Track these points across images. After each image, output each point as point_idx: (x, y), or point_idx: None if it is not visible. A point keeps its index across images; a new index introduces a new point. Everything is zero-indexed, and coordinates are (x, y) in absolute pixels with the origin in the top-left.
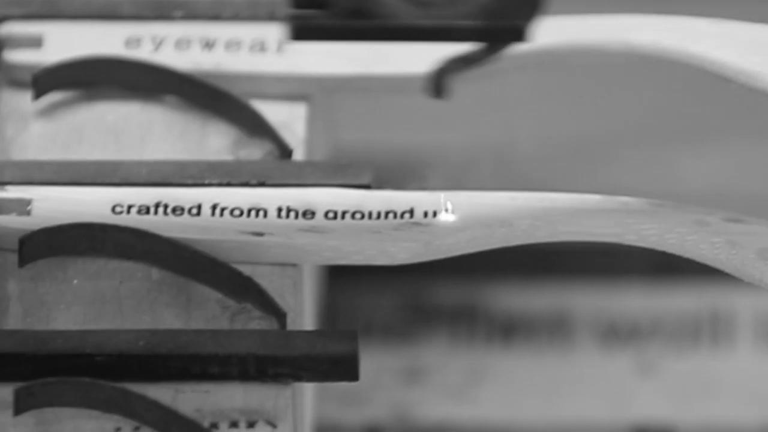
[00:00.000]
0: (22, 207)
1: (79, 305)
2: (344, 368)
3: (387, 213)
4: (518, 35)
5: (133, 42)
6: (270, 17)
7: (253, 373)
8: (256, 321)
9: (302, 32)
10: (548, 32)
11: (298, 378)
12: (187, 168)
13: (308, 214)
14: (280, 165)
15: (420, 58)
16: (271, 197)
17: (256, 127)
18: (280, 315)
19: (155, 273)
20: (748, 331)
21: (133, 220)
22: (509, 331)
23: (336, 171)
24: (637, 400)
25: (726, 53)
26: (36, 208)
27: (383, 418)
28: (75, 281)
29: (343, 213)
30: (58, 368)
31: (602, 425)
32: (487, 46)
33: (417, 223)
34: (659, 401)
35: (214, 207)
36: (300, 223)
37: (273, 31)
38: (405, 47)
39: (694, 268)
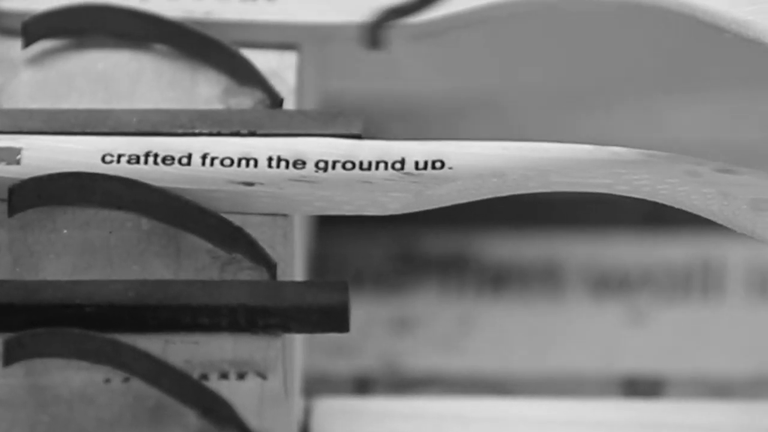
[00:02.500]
0: (12, 156)
1: (69, 255)
2: (335, 319)
3: (378, 163)
4: None
5: None
6: None
7: (243, 324)
8: (247, 271)
9: None
10: None
11: (289, 329)
12: (178, 117)
13: (299, 163)
14: (270, 114)
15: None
16: (261, 147)
17: (246, 75)
18: (270, 265)
19: (145, 223)
20: (739, 281)
21: (123, 169)
22: (499, 281)
23: (327, 120)
24: (627, 350)
25: (718, 2)
26: (25, 157)
27: (373, 368)
28: (64, 231)
29: (334, 163)
30: (48, 319)
31: (592, 376)
32: None
33: (408, 173)
34: (650, 352)
35: (204, 156)
36: (290, 173)
37: None
38: None
39: (685, 219)
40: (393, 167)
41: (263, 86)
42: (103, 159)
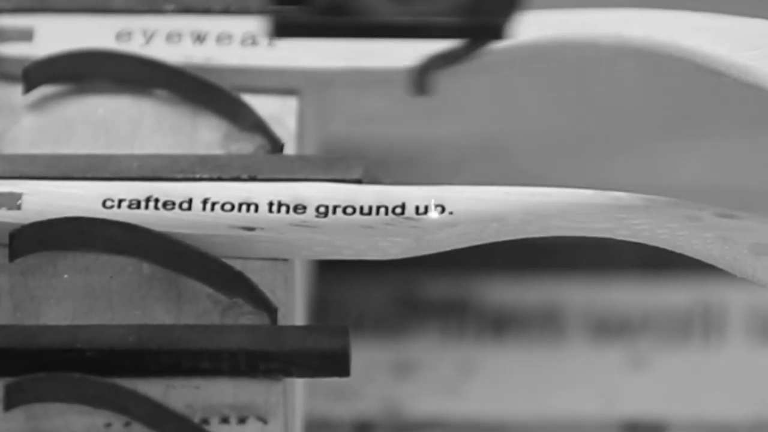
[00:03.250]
0: (13, 201)
1: (70, 300)
2: (335, 364)
3: (378, 208)
4: (497, 32)
5: (124, 35)
6: (261, 11)
7: (244, 368)
8: (247, 316)
9: (282, 29)
10: (540, 26)
11: (289, 373)
12: (178, 162)
13: (299, 208)
14: (271, 159)
15: (411, 52)
16: (262, 192)
17: (247, 121)
18: (271, 310)
19: (146, 268)
20: (739, 325)
21: (123, 214)
22: (500, 325)
23: (327, 165)
24: (628, 395)
25: (718, 47)
26: (26, 202)
27: (374, 412)
28: (65, 276)
29: (335, 208)
30: (49, 363)
31: (593, 420)
32: (467, 43)
33: (408, 218)
34: (650, 396)
35: (204, 201)
36: (291, 218)
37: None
38: (396, 41)
39: (686, 263)
40: (393, 212)
41: (264, 131)
42: (103, 204)
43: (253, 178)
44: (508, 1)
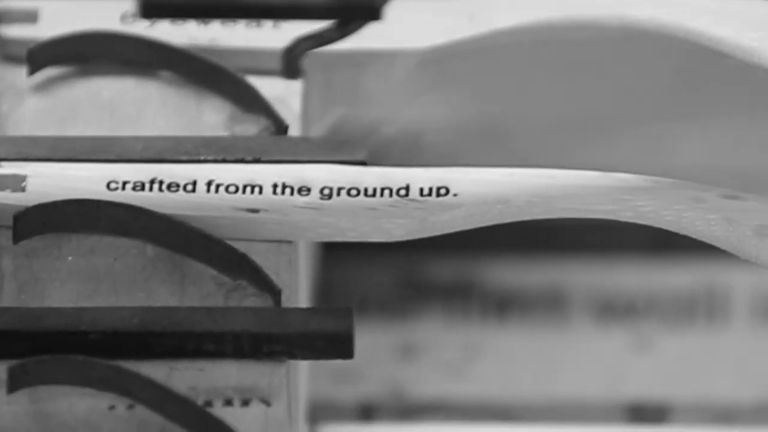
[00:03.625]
0: (17, 183)
1: (74, 282)
2: (339, 346)
3: (383, 189)
4: (372, 13)
5: (128, 17)
6: None
7: (247, 350)
8: (251, 298)
9: (151, 10)
10: (545, 6)
11: (293, 355)
12: (183, 144)
13: (304, 190)
14: (275, 141)
15: (416, 32)
16: (266, 173)
17: (251, 102)
18: (275, 292)
19: (150, 250)
20: (743, 308)
21: (128, 196)
22: (504, 307)
23: (331, 147)
24: (632, 377)
25: (723, 28)
26: (31, 184)
27: (378, 395)
28: (69, 258)
29: (339, 189)
30: (52, 346)
31: (597, 402)
32: (340, 24)
33: (413, 200)
34: (654, 378)
35: (209, 183)
36: (295, 200)
37: None
38: (400, 22)
39: (690, 245)
40: (398, 194)
41: (268, 113)
42: (108, 186)
43: (257, 160)
44: None
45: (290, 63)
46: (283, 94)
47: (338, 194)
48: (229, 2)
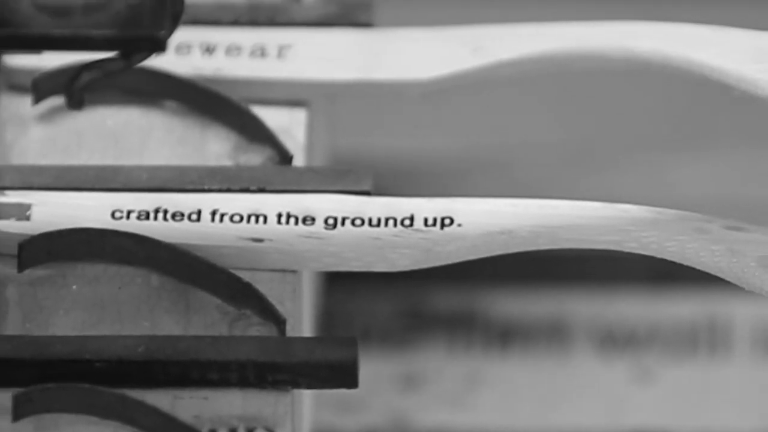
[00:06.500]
0: (22, 212)
1: (78, 311)
2: (343, 375)
3: (387, 220)
4: (156, 44)
5: None
6: (270, 22)
7: (252, 379)
8: (256, 327)
9: None
10: (549, 38)
11: (297, 385)
12: (187, 173)
13: (308, 220)
14: (280, 171)
15: (419, 63)
16: (271, 203)
17: (256, 132)
18: (279, 321)
19: (155, 279)
20: (745, 339)
21: (132, 225)
22: (507, 337)
23: (336, 177)
24: (634, 407)
25: (726, 60)
26: (35, 213)
27: (381, 424)
28: (74, 287)
29: (343, 219)
30: (57, 374)
31: None
32: (122, 55)
33: (417, 230)
34: (656, 409)
35: (213, 213)
36: (300, 230)
37: (273, 37)
38: (404, 53)
39: (692, 276)
40: (402, 224)
41: (273, 143)
42: (112, 215)
43: (262, 190)
44: (165, 14)
45: (73, 93)
46: (287, 125)
47: (342, 224)
48: (17, 34)
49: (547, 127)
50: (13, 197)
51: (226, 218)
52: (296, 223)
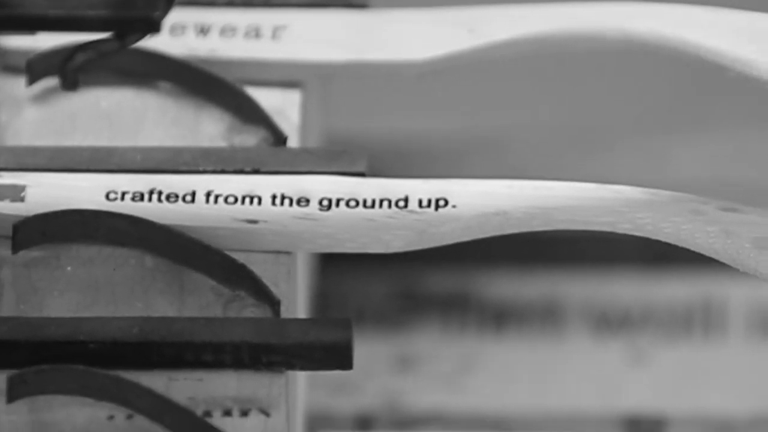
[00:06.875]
0: (16, 193)
1: (73, 292)
2: (338, 356)
3: (381, 201)
4: (151, 25)
5: None
6: (265, 3)
7: (246, 361)
8: (250, 309)
9: None
10: (545, 19)
11: (292, 366)
12: (181, 154)
13: (303, 201)
14: (274, 152)
15: (414, 44)
16: (265, 184)
17: (250, 113)
18: (273, 303)
19: (149, 260)
20: (739, 320)
21: (127, 206)
22: (501, 319)
23: (331, 158)
24: (628, 389)
25: (722, 41)
26: (30, 194)
27: (374, 406)
28: (68, 268)
29: (338, 201)
30: (51, 355)
31: (593, 415)
32: (116, 36)
33: (411, 211)
34: (651, 391)
35: (208, 194)
36: (294, 211)
37: (268, 18)
38: (399, 34)
39: (686, 257)
40: (396, 205)
41: (267, 124)
42: (107, 196)
43: (256, 171)
44: None
45: (67, 74)
46: (281, 106)
47: (337, 205)
48: (6, 14)
49: (543, 108)
50: (7, 178)
51: (221, 199)
52: (291, 204)
